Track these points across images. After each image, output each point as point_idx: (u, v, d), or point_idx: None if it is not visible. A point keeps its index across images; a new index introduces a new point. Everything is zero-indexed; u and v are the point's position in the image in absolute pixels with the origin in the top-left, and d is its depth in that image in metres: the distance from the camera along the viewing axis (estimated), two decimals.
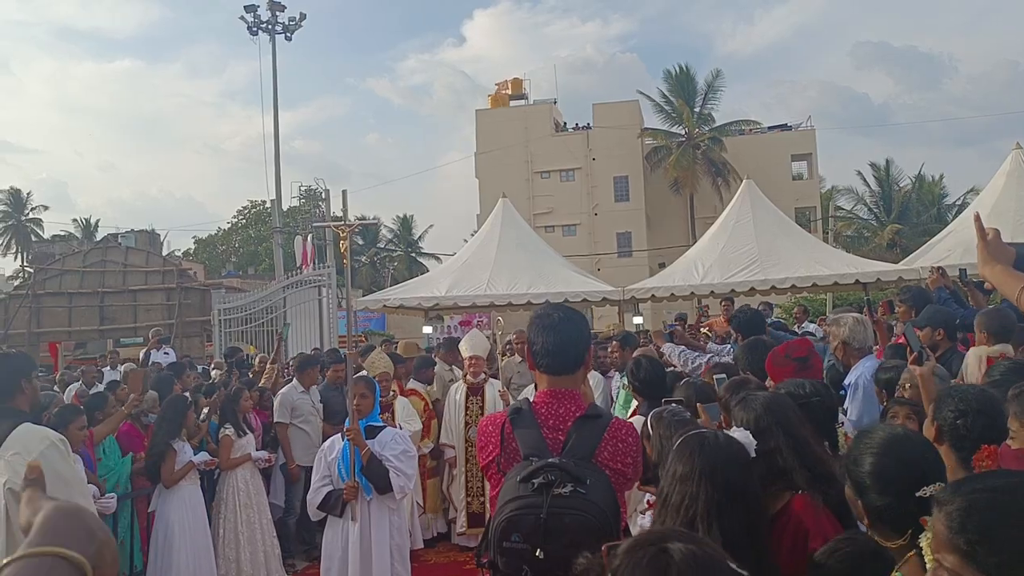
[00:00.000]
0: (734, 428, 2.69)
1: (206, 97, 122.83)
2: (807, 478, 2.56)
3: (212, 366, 12.37)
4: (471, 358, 7.97)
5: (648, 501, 3.45)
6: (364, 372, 6.54)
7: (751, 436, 2.53)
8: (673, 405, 3.67)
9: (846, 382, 4.65)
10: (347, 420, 5.24)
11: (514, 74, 51.05)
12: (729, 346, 7.00)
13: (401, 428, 6.36)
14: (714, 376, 4.40)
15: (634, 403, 6.29)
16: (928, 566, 1.56)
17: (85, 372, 11.98)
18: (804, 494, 2.54)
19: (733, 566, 1.28)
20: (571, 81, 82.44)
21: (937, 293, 6.19)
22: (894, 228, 41.42)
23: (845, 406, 4.49)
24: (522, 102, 48.28)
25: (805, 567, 2.26)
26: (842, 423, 3.42)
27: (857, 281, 16.48)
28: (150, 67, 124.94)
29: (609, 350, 7.69)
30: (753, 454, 2.45)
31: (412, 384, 8.59)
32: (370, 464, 5.02)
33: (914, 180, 46.83)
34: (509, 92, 48.64)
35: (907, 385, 3.79)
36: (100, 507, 5.50)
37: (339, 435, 5.29)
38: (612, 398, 7.14)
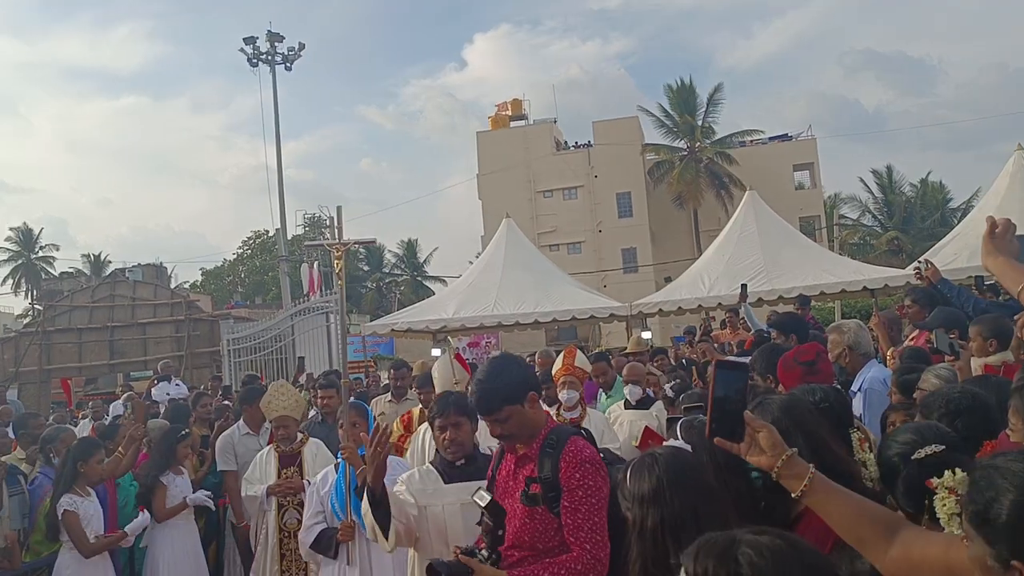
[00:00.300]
0: (671, 440, 2.72)
1: (211, 131, 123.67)
2: None
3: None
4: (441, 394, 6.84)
5: None
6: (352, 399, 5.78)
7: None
8: (701, 415, 3.70)
9: (853, 388, 4.64)
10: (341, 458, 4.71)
11: (515, 95, 51.41)
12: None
13: (309, 483, 5.44)
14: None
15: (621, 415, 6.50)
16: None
17: (94, 408, 12.04)
18: None
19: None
20: (571, 100, 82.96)
21: (949, 289, 6.16)
22: (895, 234, 41.40)
23: (855, 412, 4.48)
24: (522, 122, 48.49)
25: None
26: (856, 428, 3.40)
27: (865, 288, 16.47)
28: (156, 103, 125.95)
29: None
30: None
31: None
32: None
33: (918, 185, 46.89)
34: (509, 113, 48.86)
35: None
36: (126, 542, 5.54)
37: (332, 467, 4.89)
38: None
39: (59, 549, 5.38)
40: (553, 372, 6.38)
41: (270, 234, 48.75)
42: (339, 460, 4.69)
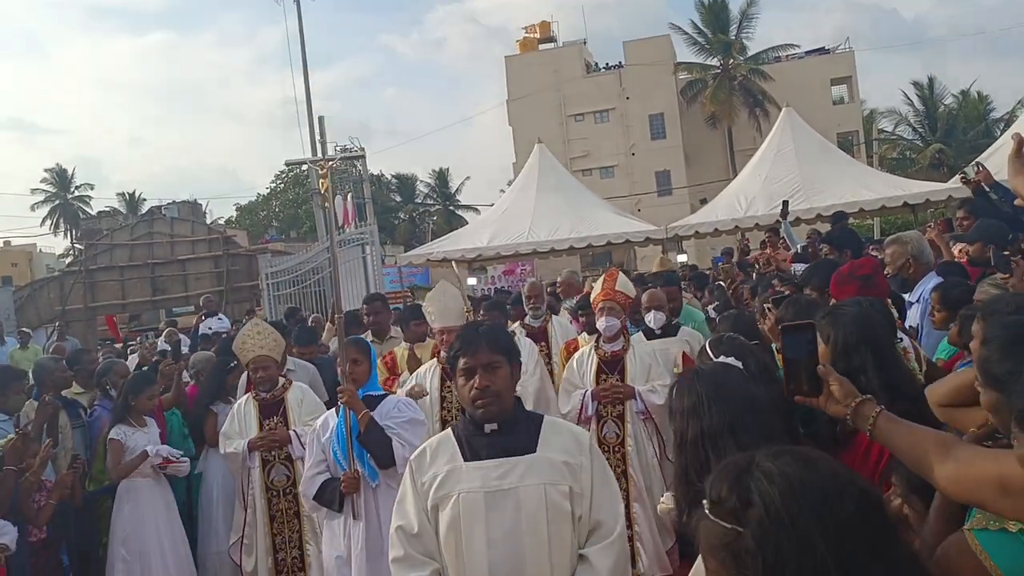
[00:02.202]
0: (721, 357, 2.71)
1: (238, 65, 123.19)
2: (889, 399, 2.56)
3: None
4: (442, 331, 5.41)
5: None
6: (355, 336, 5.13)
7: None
8: (731, 334, 3.70)
9: (912, 298, 4.60)
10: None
11: (542, 17, 50.28)
12: None
13: (296, 433, 5.14)
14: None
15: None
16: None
17: (142, 344, 12.34)
18: None
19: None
20: (600, 21, 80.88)
21: (1004, 194, 6.00)
22: (938, 147, 40.34)
23: (912, 323, 4.46)
24: (551, 45, 47.56)
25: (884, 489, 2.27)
26: (901, 339, 3.39)
27: (905, 203, 16.19)
28: (182, 39, 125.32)
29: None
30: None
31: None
32: (368, 432, 4.09)
33: (959, 96, 45.43)
34: (538, 36, 47.91)
35: None
36: (173, 470, 5.66)
37: (332, 412, 4.38)
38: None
39: None
40: (592, 297, 5.85)
41: (302, 167, 48.79)
42: (340, 404, 4.20)
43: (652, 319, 6.06)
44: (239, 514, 5.39)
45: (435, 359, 5.74)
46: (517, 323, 7.31)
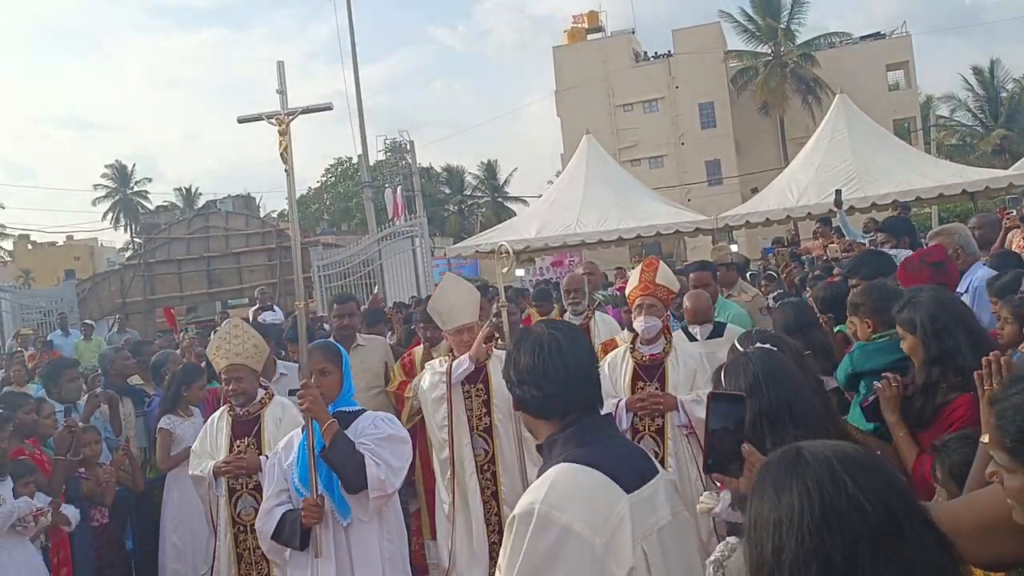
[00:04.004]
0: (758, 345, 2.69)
1: (288, 61, 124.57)
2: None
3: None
4: (456, 332, 4.80)
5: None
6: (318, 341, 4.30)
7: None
8: (759, 328, 3.70)
9: (960, 288, 4.54)
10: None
11: (590, 7, 49.96)
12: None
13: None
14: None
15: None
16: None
17: (183, 338, 12.70)
18: (973, 394, 2.54)
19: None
20: (649, 9, 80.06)
21: None
22: (1001, 133, 39.16)
23: None
24: (599, 35, 47.23)
25: None
26: None
27: (964, 191, 15.79)
28: (234, 35, 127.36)
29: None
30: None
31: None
32: (335, 446, 3.37)
33: (1021, 80, 43.98)
34: (586, 26, 47.63)
35: None
36: None
37: (299, 429, 3.61)
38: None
39: None
40: (627, 292, 4.96)
41: (352, 161, 49.29)
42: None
43: (698, 332, 5.29)
44: (210, 542, 4.66)
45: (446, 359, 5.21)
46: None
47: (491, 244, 18.38)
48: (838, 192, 10.57)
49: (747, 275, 10.10)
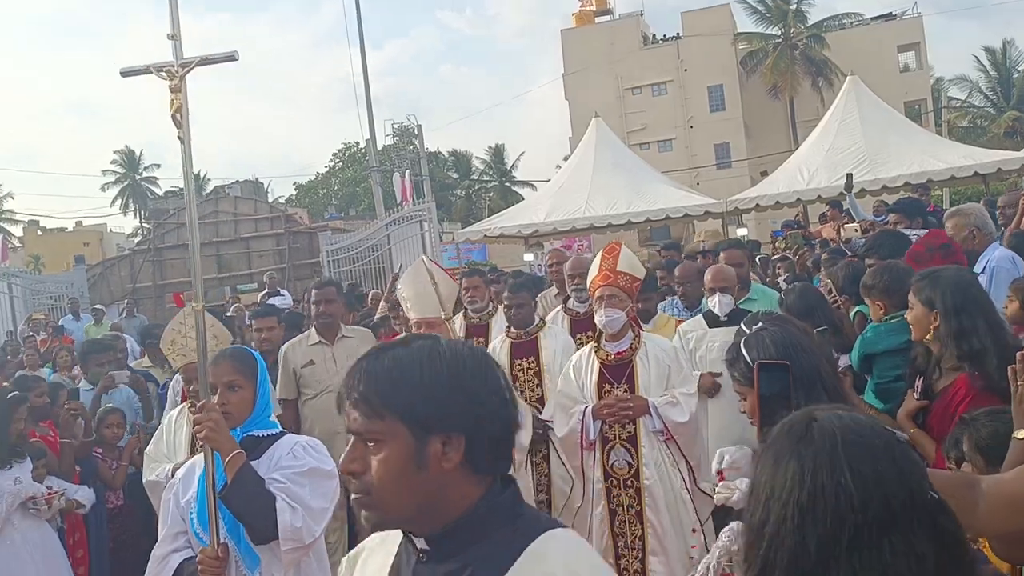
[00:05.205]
0: None
1: (293, 47, 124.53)
2: (1000, 359, 2.51)
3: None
4: (416, 324, 4.28)
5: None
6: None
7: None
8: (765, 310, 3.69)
9: (977, 268, 4.52)
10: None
11: None
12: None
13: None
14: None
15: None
16: None
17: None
18: (969, 374, 2.54)
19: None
20: None
21: None
22: (1014, 115, 38.84)
23: None
24: (607, 18, 46.99)
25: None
26: None
27: (976, 173, 15.68)
28: (238, 20, 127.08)
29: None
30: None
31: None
32: (238, 484, 2.67)
33: None
34: (594, 9, 47.39)
35: None
36: None
37: (200, 456, 2.84)
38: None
39: None
40: (588, 282, 4.45)
41: (360, 146, 49.27)
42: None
43: (717, 303, 4.72)
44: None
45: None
46: (558, 308, 5.80)
47: (499, 228, 18.38)
48: (849, 176, 10.53)
49: (756, 259, 10.07)
